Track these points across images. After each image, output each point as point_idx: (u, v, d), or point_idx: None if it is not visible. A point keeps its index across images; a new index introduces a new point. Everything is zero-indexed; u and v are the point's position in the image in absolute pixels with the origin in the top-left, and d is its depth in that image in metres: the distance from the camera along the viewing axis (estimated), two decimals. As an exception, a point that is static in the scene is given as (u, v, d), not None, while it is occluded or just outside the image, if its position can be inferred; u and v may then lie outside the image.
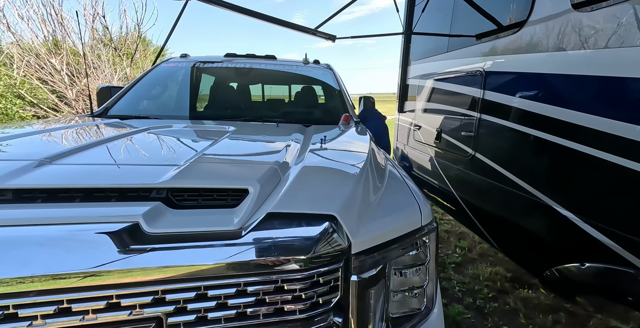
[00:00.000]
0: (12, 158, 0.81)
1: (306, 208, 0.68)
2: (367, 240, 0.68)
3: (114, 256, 0.56)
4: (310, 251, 0.62)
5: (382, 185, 0.90)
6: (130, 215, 0.62)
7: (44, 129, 1.18)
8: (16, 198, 0.66)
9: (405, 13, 3.38)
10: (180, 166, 0.80)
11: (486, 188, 1.89)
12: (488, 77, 1.85)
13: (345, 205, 0.70)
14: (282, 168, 0.87)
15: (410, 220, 0.77)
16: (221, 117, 1.79)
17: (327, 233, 0.64)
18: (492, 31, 1.87)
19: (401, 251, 0.73)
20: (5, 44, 6.18)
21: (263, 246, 0.62)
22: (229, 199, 0.74)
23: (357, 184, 0.80)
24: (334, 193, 0.75)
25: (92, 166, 0.78)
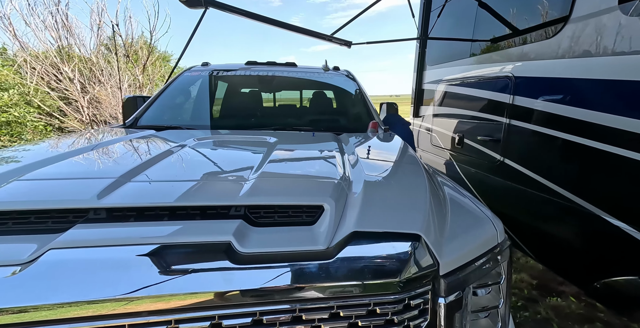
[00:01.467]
0: (89, 175, 0.82)
1: (390, 226, 0.67)
2: (453, 260, 0.67)
3: (214, 278, 0.56)
4: (402, 273, 0.60)
5: (447, 200, 0.88)
6: (221, 234, 0.62)
7: (97, 143, 1.18)
8: (109, 217, 0.66)
9: (420, 18, 3.39)
10: (248, 182, 0.80)
11: (518, 195, 1.87)
12: (519, 83, 1.84)
13: (426, 223, 0.69)
14: (345, 183, 0.86)
15: (487, 237, 0.75)
16: (252, 126, 1.79)
17: (417, 253, 0.63)
18: (524, 35, 1.86)
19: (482, 271, 0.71)
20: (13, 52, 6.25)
21: (355, 268, 0.60)
22: (303, 216, 0.73)
23: (429, 200, 0.79)
24: (410, 210, 0.74)
25: (165, 183, 0.79)
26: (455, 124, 2.75)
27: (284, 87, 2.54)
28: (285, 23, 3.14)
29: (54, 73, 5.31)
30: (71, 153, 1.01)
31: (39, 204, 0.66)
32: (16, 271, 0.52)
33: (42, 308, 0.50)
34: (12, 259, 0.55)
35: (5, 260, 0.54)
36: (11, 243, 0.60)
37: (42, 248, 0.57)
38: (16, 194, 0.69)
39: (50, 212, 0.66)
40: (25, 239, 0.60)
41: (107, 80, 5.74)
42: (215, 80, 2.30)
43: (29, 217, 0.65)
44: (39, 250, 0.56)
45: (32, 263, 0.54)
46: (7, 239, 0.60)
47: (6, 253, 0.56)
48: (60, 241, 0.58)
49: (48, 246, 0.57)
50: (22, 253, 0.56)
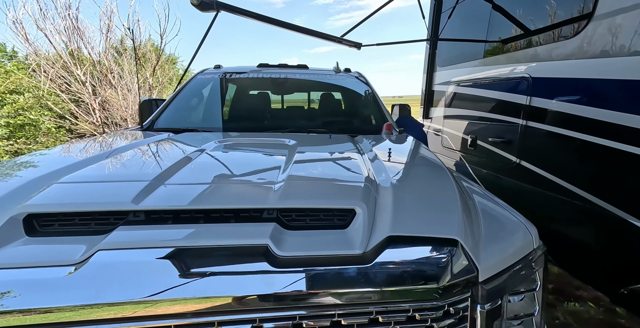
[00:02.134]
0: (123, 178, 0.83)
1: (426, 231, 0.66)
2: (492, 266, 0.66)
3: (254, 281, 0.57)
4: (442, 279, 0.59)
5: (476, 205, 0.87)
6: (258, 237, 0.63)
7: (122, 146, 1.20)
8: (147, 219, 0.67)
9: (431, 19, 3.38)
10: (277, 185, 0.80)
11: (535, 197, 1.84)
12: (536, 84, 1.81)
13: (463, 228, 0.68)
14: (373, 186, 0.86)
15: (523, 242, 0.74)
16: (268, 128, 1.79)
17: (456, 259, 0.62)
18: (542, 35, 1.83)
19: (519, 278, 0.70)
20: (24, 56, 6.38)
21: (394, 273, 0.60)
22: (335, 219, 0.73)
23: (462, 204, 0.78)
24: (444, 214, 0.73)
25: (196, 186, 0.80)
26: (467, 125, 2.72)
27: (297, 89, 2.55)
28: (296, 25, 3.15)
29: (65, 76, 5.41)
30: (101, 156, 1.03)
31: (83, 206, 0.67)
32: (72, 272, 0.54)
33: (96, 307, 0.51)
34: (65, 259, 0.57)
35: (60, 260, 0.56)
36: (61, 243, 0.61)
37: (91, 249, 0.58)
38: (59, 197, 0.71)
39: (93, 214, 0.68)
40: (74, 240, 0.62)
41: (117, 83, 5.83)
42: (229, 83, 2.32)
43: (73, 219, 0.67)
44: (89, 251, 0.58)
45: (84, 264, 0.56)
46: (56, 240, 0.62)
47: (59, 253, 0.58)
48: (107, 243, 0.59)
49: (96, 247, 0.58)
50: (73, 254, 0.58)
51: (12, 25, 5.41)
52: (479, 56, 2.51)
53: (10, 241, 0.61)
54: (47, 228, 0.66)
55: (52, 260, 0.57)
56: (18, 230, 0.63)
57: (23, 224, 0.64)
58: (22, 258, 0.57)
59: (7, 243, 0.60)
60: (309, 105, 2.40)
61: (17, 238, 0.62)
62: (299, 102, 2.70)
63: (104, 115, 5.79)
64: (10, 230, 0.62)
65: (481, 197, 0.95)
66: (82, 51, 5.82)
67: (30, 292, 0.52)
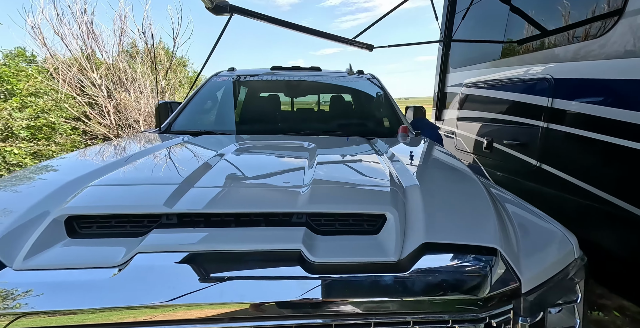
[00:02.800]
0: (153, 182, 0.84)
1: (463, 238, 0.64)
2: (534, 277, 0.63)
3: (288, 287, 0.56)
4: (483, 289, 0.57)
5: (508, 211, 0.84)
6: (290, 242, 0.62)
7: (146, 149, 1.22)
8: (180, 222, 0.67)
9: (444, 20, 3.34)
10: (304, 188, 0.79)
11: (558, 202, 1.78)
12: (559, 85, 1.76)
13: (502, 236, 0.65)
14: (399, 190, 0.84)
15: (564, 252, 0.71)
16: (283, 131, 1.79)
17: (497, 269, 0.60)
18: (566, 34, 1.77)
19: (561, 289, 0.67)
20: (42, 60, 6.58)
21: (432, 282, 0.58)
22: (364, 224, 0.72)
23: (496, 211, 0.75)
24: (480, 221, 0.71)
25: (224, 189, 0.80)
26: (483, 127, 2.67)
27: (311, 91, 2.55)
28: (308, 28, 3.16)
29: (82, 79, 5.55)
30: (127, 159, 1.04)
31: (120, 209, 0.68)
32: (116, 273, 0.55)
33: (141, 308, 0.52)
34: (108, 261, 0.58)
35: (103, 262, 0.58)
36: (101, 245, 0.62)
37: (131, 251, 0.59)
38: (96, 200, 0.72)
39: (128, 216, 0.68)
40: (113, 242, 0.63)
41: (130, 85, 5.96)
42: (243, 85, 2.33)
43: (110, 221, 0.68)
44: (129, 254, 0.59)
45: (125, 266, 0.56)
46: (96, 242, 0.64)
47: (101, 255, 0.60)
48: (145, 246, 0.60)
49: (135, 250, 0.59)
50: (114, 256, 0.59)
51: (31, 30, 5.61)
52: (495, 57, 2.47)
53: (54, 243, 0.62)
54: (87, 230, 0.67)
55: (96, 262, 0.58)
56: (60, 231, 0.64)
57: (65, 226, 0.65)
58: (68, 259, 0.59)
59: (51, 245, 0.62)
60: (323, 107, 2.39)
61: (60, 239, 0.63)
62: (313, 104, 2.69)
63: (117, 117, 5.91)
64: (54, 232, 0.63)
65: (513, 204, 0.92)
66: (95, 54, 5.97)
67: (78, 292, 0.53)
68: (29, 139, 3.87)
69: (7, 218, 0.64)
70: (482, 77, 2.67)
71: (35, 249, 0.59)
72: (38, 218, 0.65)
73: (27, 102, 4.03)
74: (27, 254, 0.58)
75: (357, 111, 2.30)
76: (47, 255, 0.59)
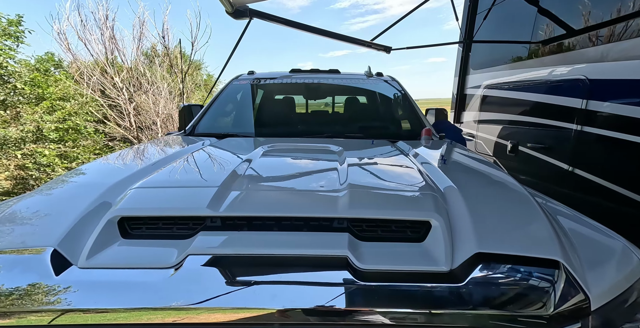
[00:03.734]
0: (192, 184, 0.86)
1: (520, 249, 0.61)
2: (604, 293, 0.59)
3: (337, 294, 0.55)
4: (548, 306, 0.54)
5: (561, 220, 0.80)
6: (337, 248, 0.61)
7: (178, 151, 1.24)
8: (224, 225, 0.68)
9: (465, 21, 3.27)
10: (341, 193, 0.77)
11: (593, 208, 1.69)
12: (595, 86, 1.68)
13: (562, 247, 0.62)
14: (439, 195, 0.81)
15: (632, 266, 0.67)
16: (306, 133, 1.78)
17: (562, 284, 0.56)
18: (605, 32, 1.68)
19: (631, 306, 0.62)
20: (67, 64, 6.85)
21: (492, 296, 0.55)
22: (408, 231, 0.70)
23: (549, 219, 0.71)
24: (535, 230, 0.67)
25: (262, 193, 0.81)
26: (507, 130, 2.58)
27: (331, 94, 2.54)
28: (326, 31, 3.17)
29: (105, 83, 5.76)
30: (163, 161, 1.06)
31: (168, 211, 0.69)
32: (172, 274, 0.56)
33: (196, 309, 0.52)
34: (163, 262, 0.59)
35: (159, 263, 0.59)
36: (154, 246, 0.64)
37: (182, 253, 0.60)
38: (143, 202, 0.73)
39: (174, 218, 0.69)
40: (164, 243, 0.65)
41: (149, 88, 6.13)
42: (264, 88, 2.35)
43: (157, 223, 0.69)
44: (181, 255, 0.60)
45: (179, 267, 0.57)
46: (148, 243, 0.65)
47: (155, 256, 0.61)
48: (195, 248, 0.61)
49: (186, 252, 0.60)
50: (168, 257, 0.60)
51: (57, 36, 5.87)
52: (521, 57, 2.39)
53: (111, 243, 0.64)
54: (137, 231, 0.68)
55: (151, 263, 0.59)
56: (115, 232, 0.66)
57: (118, 227, 0.67)
58: (125, 259, 0.60)
59: (109, 245, 0.64)
60: (344, 110, 2.38)
61: (115, 240, 0.65)
62: (335, 107, 2.69)
63: (138, 119, 6.09)
64: (109, 232, 0.65)
65: (566, 215, 0.86)
66: (115, 58, 6.18)
67: (138, 291, 0.54)
68: (58, 141, 4.05)
69: (65, 219, 0.66)
70: (507, 79, 2.60)
71: (95, 248, 0.61)
72: (93, 219, 0.67)
73: (57, 106, 4.22)
74: (89, 253, 0.60)
75: (378, 114, 2.28)
76: (106, 255, 0.61)
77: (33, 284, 0.54)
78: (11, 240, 0.62)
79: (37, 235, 0.63)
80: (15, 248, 0.60)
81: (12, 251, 0.59)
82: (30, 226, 0.68)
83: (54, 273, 0.55)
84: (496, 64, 2.79)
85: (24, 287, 0.54)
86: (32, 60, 5.38)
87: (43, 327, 0.52)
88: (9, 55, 3.53)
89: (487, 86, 2.91)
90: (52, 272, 0.55)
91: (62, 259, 0.58)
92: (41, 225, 0.67)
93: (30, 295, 0.53)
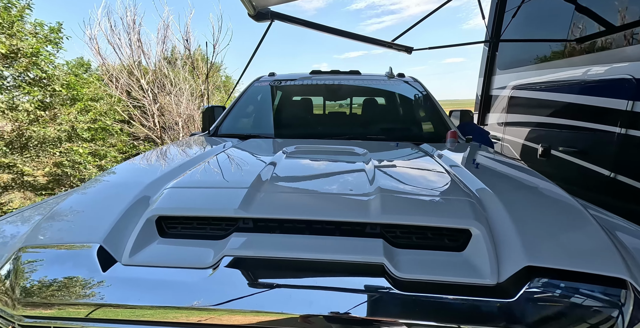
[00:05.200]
0: (223, 185, 0.87)
1: (578, 264, 0.56)
2: None
3: (374, 302, 0.53)
4: (616, 327, 0.48)
5: (617, 234, 0.73)
6: (372, 254, 0.60)
7: (205, 152, 1.27)
8: (256, 227, 0.68)
9: (492, 19, 3.15)
10: (372, 197, 0.75)
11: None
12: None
13: (627, 265, 0.56)
14: (477, 201, 0.76)
15: None
16: (329, 135, 1.77)
17: (629, 305, 0.51)
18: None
19: None
20: (96, 67, 7.21)
21: (548, 315, 0.51)
22: (445, 239, 0.66)
23: (606, 232, 0.65)
24: (591, 243, 0.62)
25: (291, 195, 0.81)
26: (538, 133, 2.45)
27: (353, 95, 2.52)
28: (347, 32, 3.15)
29: (132, 84, 6.04)
30: (192, 161, 1.08)
31: (202, 211, 0.70)
32: (211, 274, 0.57)
33: (232, 311, 0.53)
34: (201, 263, 0.60)
35: (196, 263, 0.60)
36: (190, 246, 0.65)
37: (218, 254, 0.61)
38: (178, 202, 0.75)
39: (209, 219, 0.70)
40: (200, 243, 0.66)
41: (171, 90, 6.37)
42: (286, 90, 2.36)
43: (192, 222, 0.70)
44: (217, 256, 0.61)
45: (216, 267, 0.58)
46: (185, 242, 0.66)
47: (192, 255, 0.62)
48: (230, 249, 0.61)
49: (222, 253, 0.61)
50: (205, 257, 0.61)
51: (89, 41, 6.23)
52: (555, 56, 2.26)
53: (150, 241, 0.66)
54: (173, 230, 0.70)
55: (189, 262, 0.60)
56: (153, 231, 0.68)
57: (155, 226, 0.68)
58: (164, 258, 0.62)
59: (149, 243, 0.65)
60: (366, 111, 2.35)
61: (154, 238, 0.67)
62: (355, 108, 2.66)
63: (162, 120, 6.34)
64: (148, 231, 0.67)
65: (620, 227, 0.79)
66: (142, 62, 6.47)
67: (179, 290, 0.55)
68: (90, 140, 4.31)
69: (108, 216, 0.68)
70: (537, 79, 2.47)
71: (137, 246, 0.63)
72: (133, 217, 0.69)
73: (89, 107, 4.49)
74: (131, 251, 0.62)
75: (401, 115, 2.23)
76: (147, 253, 0.63)
77: (80, 278, 0.56)
78: (60, 236, 0.65)
79: (84, 231, 0.66)
80: (64, 243, 0.62)
81: (61, 246, 0.62)
82: (77, 223, 0.70)
83: (101, 269, 0.57)
84: (525, 64, 2.66)
85: (71, 280, 0.56)
86: (65, 66, 5.75)
87: (84, 320, 0.54)
88: (49, 60, 3.79)
89: (515, 86, 2.78)
90: (100, 268, 0.57)
91: (107, 255, 0.60)
92: (86, 222, 0.70)
93: (78, 289, 0.55)
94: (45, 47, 3.76)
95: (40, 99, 3.72)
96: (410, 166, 1.16)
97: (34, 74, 3.69)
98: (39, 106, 3.71)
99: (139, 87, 6.09)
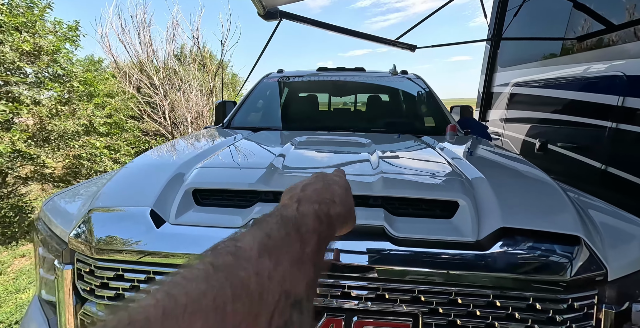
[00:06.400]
0: (247, 166, 1.01)
1: (543, 225, 0.68)
2: (622, 267, 0.65)
3: (377, 256, 0.66)
4: (567, 272, 0.61)
5: (580, 202, 0.85)
6: (374, 219, 0.72)
7: (225, 140, 1.42)
8: (275, 199, 0.81)
9: (493, 18, 3.23)
10: (375, 177, 0.87)
11: (629, 208, 1.66)
12: (633, 82, 1.65)
13: (585, 226, 0.68)
14: (467, 181, 0.89)
15: None
16: (335, 128, 1.90)
17: (581, 255, 0.63)
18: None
19: None
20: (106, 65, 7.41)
21: (514, 262, 0.63)
22: (437, 210, 0.78)
23: (572, 202, 0.77)
24: (557, 209, 0.74)
25: (305, 171, 0.94)
26: (535, 128, 2.55)
27: (358, 91, 2.64)
28: (354, 31, 3.26)
29: (145, 82, 6.24)
30: (214, 148, 1.23)
31: (231, 185, 0.84)
32: None
33: None
34: (233, 223, 0.73)
35: (229, 223, 0.73)
36: (223, 213, 0.78)
37: (247, 218, 0.74)
38: (208, 178, 0.88)
39: (236, 192, 0.84)
40: (230, 211, 0.79)
41: (181, 86, 6.56)
42: (294, 86, 2.49)
43: (222, 195, 0.84)
44: (245, 219, 0.74)
45: (245, 227, 0.70)
46: (218, 210, 0.80)
47: (225, 219, 0.76)
48: (256, 213, 0.74)
49: (249, 217, 0.74)
50: (235, 220, 0.74)
51: (100, 39, 6.43)
52: (553, 54, 2.35)
53: (189, 208, 0.80)
54: (206, 201, 0.83)
55: (223, 223, 0.73)
56: (190, 200, 0.82)
57: (192, 196, 0.82)
58: (202, 220, 0.75)
59: (188, 209, 0.79)
60: (370, 106, 2.47)
61: (192, 206, 0.81)
62: (360, 103, 2.78)
63: (173, 115, 6.53)
64: (187, 200, 0.81)
65: (589, 199, 0.91)
66: (151, 58, 6.66)
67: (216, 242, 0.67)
68: (106, 134, 4.52)
69: (154, 187, 0.83)
70: (536, 76, 2.55)
71: (180, 211, 0.77)
72: (173, 188, 0.83)
73: (105, 102, 4.69)
74: (176, 214, 0.75)
75: (404, 110, 2.34)
76: (188, 216, 0.76)
77: (140, 232, 0.70)
78: (119, 202, 0.79)
79: (137, 198, 0.80)
80: (123, 206, 0.77)
81: (121, 209, 0.76)
82: (130, 192, 0.85)
83: (155, 226, 0.71)
84: (525, 62, 2.75)
85: (133, 233, 0.70)
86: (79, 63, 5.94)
87: (142, 263, 0.67)
88: (68, 57, 3.98)
89: (516, 83, 2.86)
90: (154, 225, 0.71)
91: (157, 216, 0.73)
92: (137, 191, 0.85)
93: (137, 240, 0.69)
94: (64, 45, 3.95)
95: (60, 94, 3.93)
96: (410, 154, 1.28)
97: (53, 71, 3.89)
98: (59, 101, 3.91)
99: (151, 84, 6.28)
